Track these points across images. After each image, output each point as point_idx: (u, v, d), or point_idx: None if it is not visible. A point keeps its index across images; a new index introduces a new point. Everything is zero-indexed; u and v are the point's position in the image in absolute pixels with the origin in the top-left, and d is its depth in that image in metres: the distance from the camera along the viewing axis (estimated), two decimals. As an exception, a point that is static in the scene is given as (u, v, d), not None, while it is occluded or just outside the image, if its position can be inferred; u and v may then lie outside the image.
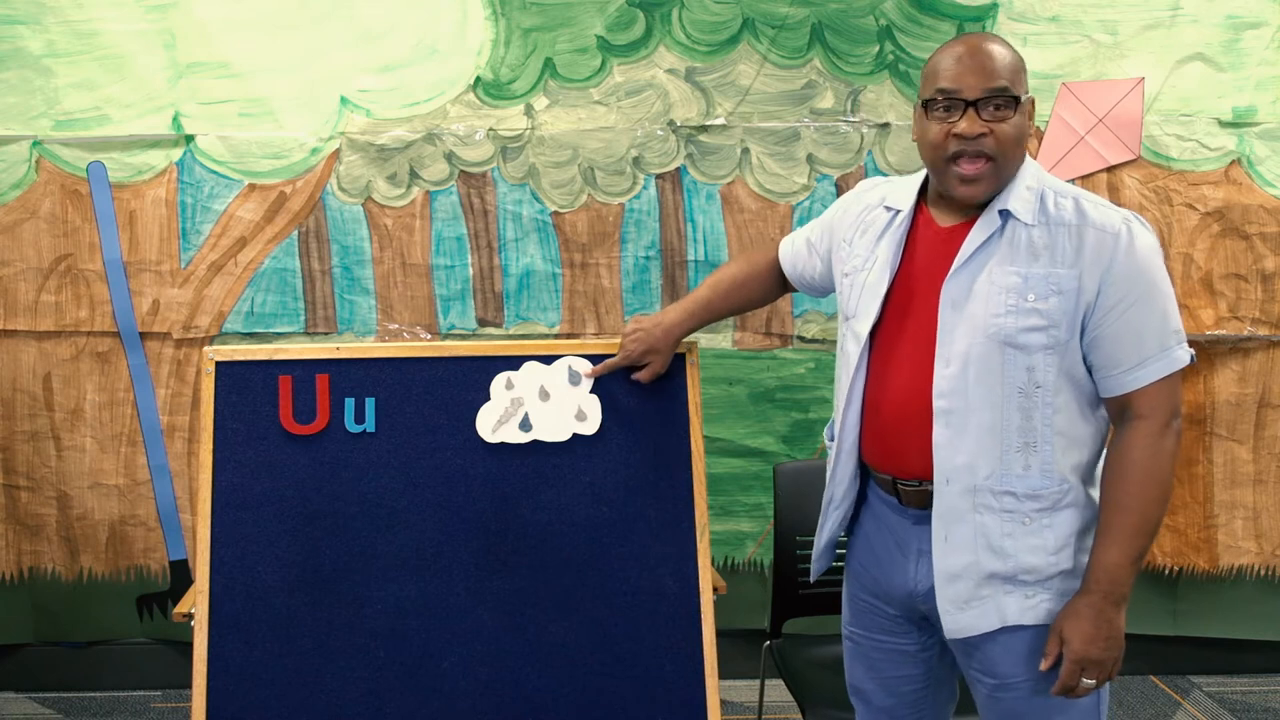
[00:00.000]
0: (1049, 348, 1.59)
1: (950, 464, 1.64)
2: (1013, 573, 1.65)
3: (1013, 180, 1.65)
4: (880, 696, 1.89)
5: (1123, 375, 1.60)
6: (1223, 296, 3.02)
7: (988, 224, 1.63)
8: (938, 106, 1.62)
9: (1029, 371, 1.60)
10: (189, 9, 2.91)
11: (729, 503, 3.09)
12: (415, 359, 2.19)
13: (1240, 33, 2.94)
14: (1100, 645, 1.59)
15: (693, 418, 2.19)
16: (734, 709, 3.05)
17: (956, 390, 1.63)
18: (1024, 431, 1.61)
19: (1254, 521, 3.12)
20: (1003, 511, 1.64)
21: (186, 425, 3.06)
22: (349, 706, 2.08)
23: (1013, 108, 1.60)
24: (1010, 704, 1.71)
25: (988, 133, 1.59)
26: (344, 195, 2.99)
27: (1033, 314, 1.59)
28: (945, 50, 1.65)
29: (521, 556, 2.15)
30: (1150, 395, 1.59)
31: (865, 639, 1.89)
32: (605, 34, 2.96)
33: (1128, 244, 1.57)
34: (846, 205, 1.90)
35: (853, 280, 1.79)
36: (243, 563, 2.11)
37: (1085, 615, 1.60)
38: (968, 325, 1.62)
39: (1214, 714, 3.05)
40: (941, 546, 1.68)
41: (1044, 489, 1.63)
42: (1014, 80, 1.61)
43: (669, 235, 3.02)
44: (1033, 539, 1.64)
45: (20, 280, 2.99)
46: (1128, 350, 1.58)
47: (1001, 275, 1.61)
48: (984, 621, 1.67)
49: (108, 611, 3.14)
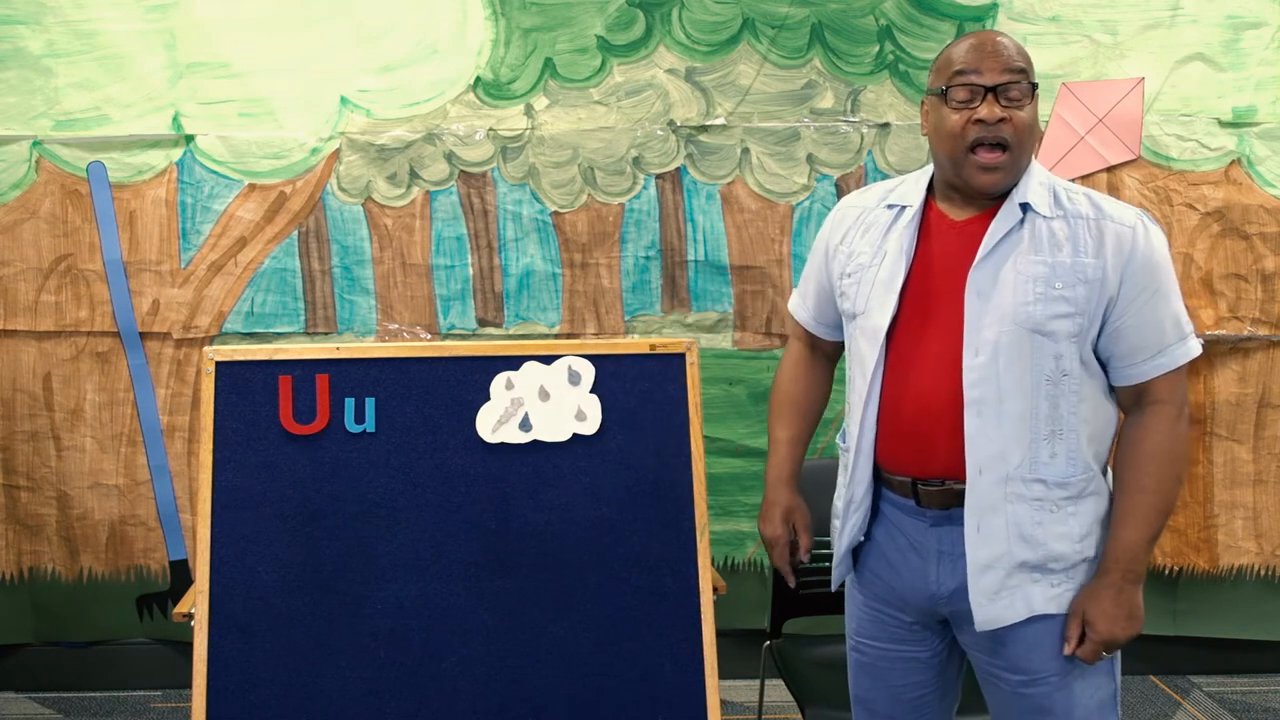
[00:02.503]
0: (1074, 336, 1.62)
1: (983, 454, 1.64)
2: (1042, 561, 1.67)
3: (1026, 174, 1.67)
4: (887, 706, 1.87)
5: (1144, 364, 1.64)
6: (1223, 296, 3.02)
7: (1009, 215, 1.65)
8: (957, 93, 1.63)
9: (1056, 359, 1.63)
10: (189, 9, 2.91)
11: (729, 503, 3.09)
12: (415, 359, 2.19)
13: (1240, 33, 2.94)
14: (1123, 624, 1.64)
15: (693, 418, 2.19)
16: (734, 709, 3.05)
17: (987, 379, 1.63)
18: (1051, 420, 1.64)
19: (1254, 521, 3.12)
20: (1033, 500, 1.65)
21: (186, 425, 3.06)
22: (349, 706, 2.08)
23: (1029, 94, 1.63)
24: (1037, 699, 1.71)
25: (1007, 119, 1.61)
26: (344, 195, 2.99)
27: (1060, 301, 1.61)
28: (958, 43, 1.67)
29: (521, 556, 2.15)
30: (1169, 382, 1.65)
31: (874, 649, 1.87)
32: (605, 34, 2.96)
33: (1145, 238, 1.62)
34: (835, 223, 1.88)
35: (859, 277, 1.76)
36: (243, 563, 2.11)
37: (1107, 596, 1.64)
38: (995, 314, 1.63)
39: (1214, 714, 3.05)
40: (974, 538, 1.67)
41: (1071, 477, 1.65)
42: (1028, 68, 1.64)
43: (669, 235, 3.02)
44: (1060, 526, 1.66)
45: (20, 280, 2.99)
46: (1149, 339, 1.63)
47: (1027, 265, 1.63)
48: (1011, 612, 1.68)
49: (108, 611, 3.13)
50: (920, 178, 1.79)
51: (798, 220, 3.01)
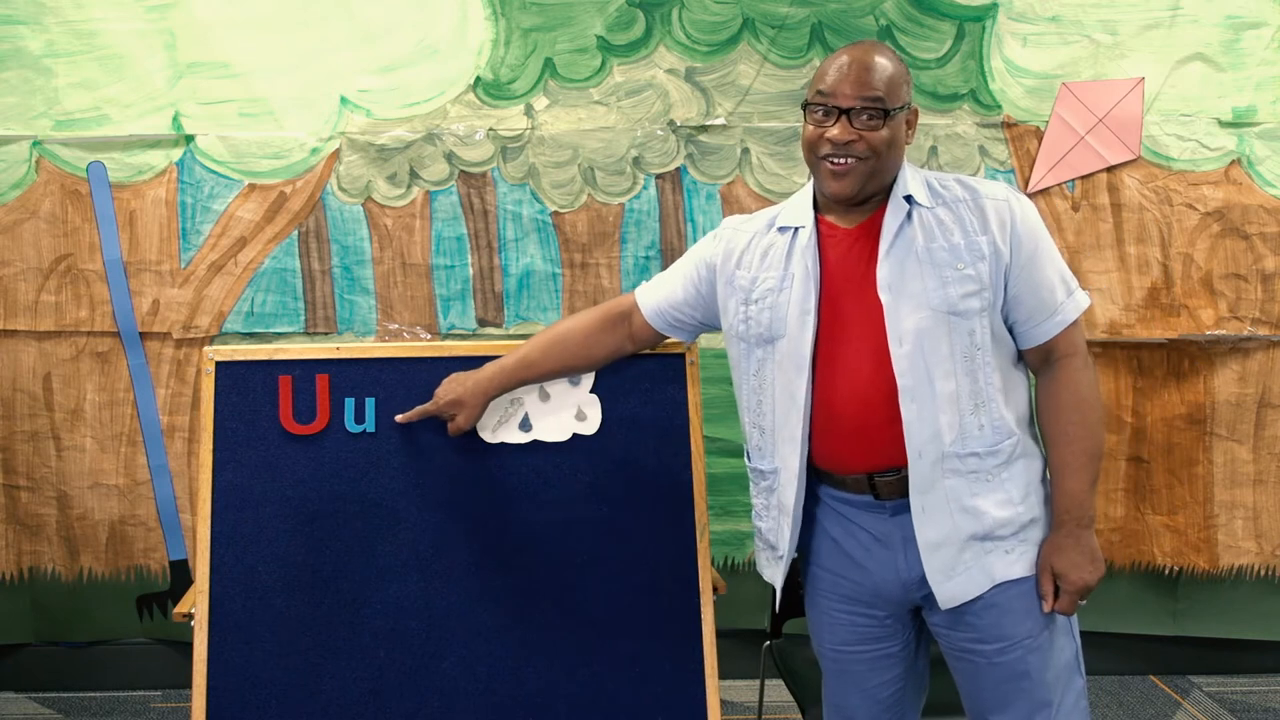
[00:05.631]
0: (983, 311, 1.71)
1: (920, 436, 1.71)
2: (989, 530, 1.73)
3: (900, 173, 1.77)
4: (865, 710, 1.90)
5: (1044, 323, 1.75)
6: (1223, 296, 3.02)
7: (897, 210, 1.75)
8: (816, 110, 1.73)
9: (970, 336, 1.71)
10: (189, 9, 2.91)
11: (729, 503, 3.09)
12: (415, 359, 2.19)
13: (1240, 33, 2.94)
14: (1089, 569, 1.73)
15: (693, 418, 2.19)
16: (734, 709, 3.05)
17: (914, 366, 1.70)
18: (973, 394, 1.72)
19: (1254, 521, 3.12)
20: (968, 474, 1.72)
21: (186, 425, 3.06)
22: (349, 706, 2.08)
23: (883, 120, 1.70)
24: (1013, 664, 1.75)
25: (857, 139, 1.70)
26: (344, 195, 2.99)
27: (967, 280, 1.71)
28: (832, 57, 1.75)
29: (521, 556, 2.14)
30: (1069, 335, 1.76)
31: (845, 653, 1.89)
32: (605, 34, 2.96)
33: (1019, 207, 1.74)
34: (722, 245, 1.92)
35: (768, 303, 1.80)
36: (243, 563, 2.11)
37: (1069, 546, 1.74)
38: (911, 303, 1.71)
39: (1214, 714, 3.05)
40: (921, 518, 1.73)
41: (998, 444, 1.73)
42: (891, 93, 1.71)
43: (669, 235, 3.02)
44: (998, 493, 1.73)
45: (20, 280, 2.99)
46: (1044, 300, 1.74)
47: (927, 252, 1.72)
48: (973, 586, 1.74)
49: (108, 611, 3.14)
50: (802, 197, 1.85)
51: (798, 220, 3.01)
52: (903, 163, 1.78)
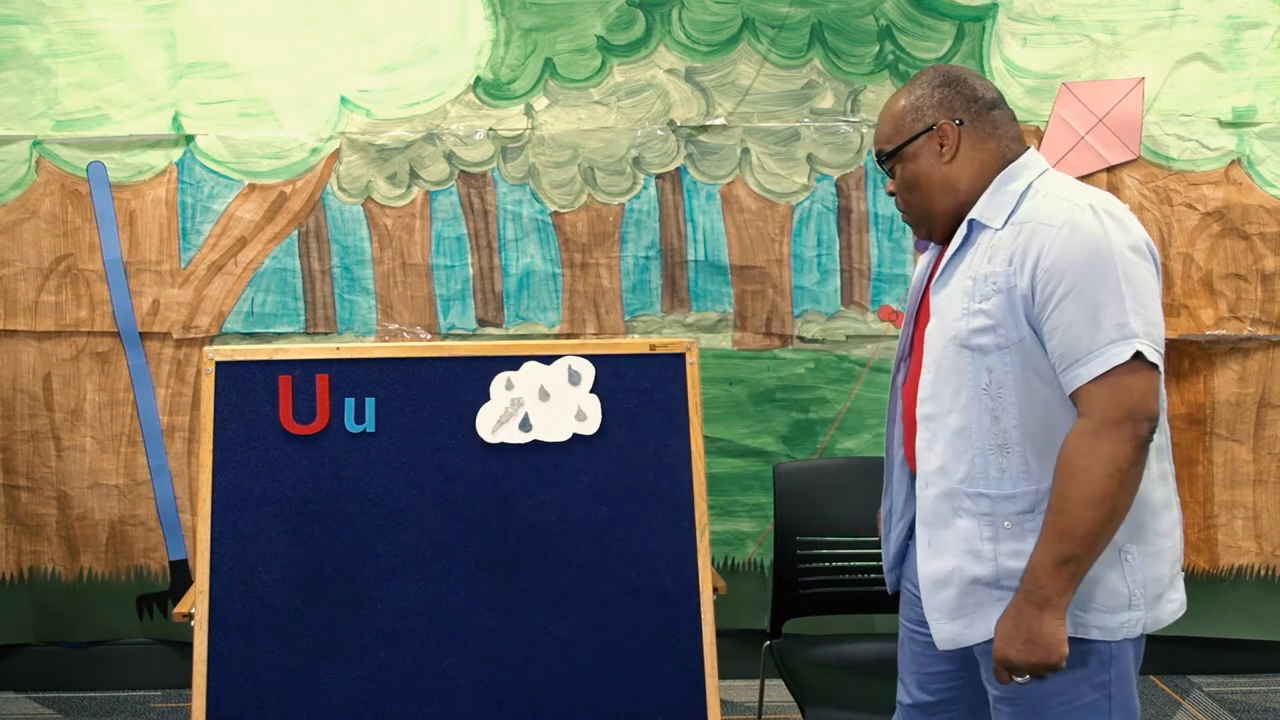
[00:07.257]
0: (1002, 348, 1.57)
1: (927, 467, 1.66)
2: (995, 577, 1.60)
3: (989, 189, 1.65)
4: (914, 692, 1.87)
5: (1065, 373, 1.53)
6: (1223, 296, 3.02)
7: (958, 236, 1.68)
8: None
9: (989, 373, 1.58)
10: (189, 9, 2.91)
11: (729, 503, 3.09)
12: (415, 359, 2.19)
13: (1240, 33, 2.94)
14: (1016, 647, 1.53)
15: (693, 418, 2.19)
16: (734, 709, 3.05)
17: (934, 395, 1.66)
18: (995, 434, 1.59)
19: (1254, 521, 3.12)
20: (980, 514, 1.61)
21: (186, 425, 3.06)
22: (349, 706, 2.08)
23: (893, 167, 1.72)
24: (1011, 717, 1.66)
25: (893, 192, 1.76)
26: (344, 195, 2.99)
27: (979, 315, 1.58)
28: None
29: (521, 556, 2.15)
30: (1090, 393, 1.50)
31: (905, 628, 1.88)
32: (605, 34, 2.96)
33: (1065, 237, 1.52)
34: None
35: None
36: (243, 563, 2.11)
37: (1008, 614, 1.56)
38: (940, 332, 1.66)
39: (1214, 714, 3.05)
40: (925, 551, 1.68)
41: (1020, 491, 1.58)
42: (892, 134, 1.71)
43: (669, 235, 3.02)
44: (1015, 543, 1.59)
45: (20, 280, 2.99)
46: (1067, 347, 1.51)
47: (960, 281, 1.64)
48: (973, 632, 1.64)
49: (108, 611, 3.13)
50: None
51: (798, 220, 3.01)
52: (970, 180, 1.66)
